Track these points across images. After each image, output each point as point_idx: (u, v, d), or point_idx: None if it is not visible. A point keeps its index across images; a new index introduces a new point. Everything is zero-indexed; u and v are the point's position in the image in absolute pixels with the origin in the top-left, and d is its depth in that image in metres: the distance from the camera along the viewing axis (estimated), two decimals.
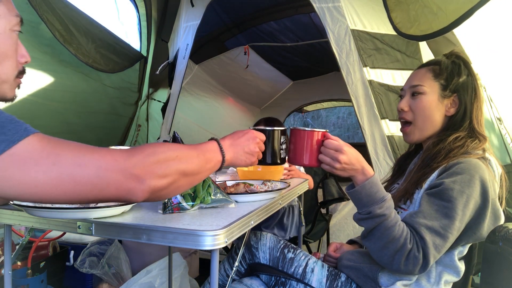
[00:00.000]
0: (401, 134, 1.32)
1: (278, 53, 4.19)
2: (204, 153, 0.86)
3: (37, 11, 2.16)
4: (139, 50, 3.41)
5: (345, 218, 2.77)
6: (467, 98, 1.18)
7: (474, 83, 1.19)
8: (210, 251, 0.84)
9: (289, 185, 1.34)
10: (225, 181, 1.33)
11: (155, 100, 3.90)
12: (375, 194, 1.04)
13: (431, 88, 1.21)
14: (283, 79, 5.02)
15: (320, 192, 2.77)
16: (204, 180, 1.04)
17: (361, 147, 1.51)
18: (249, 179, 1.41)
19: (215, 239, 0.82)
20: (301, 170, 2.09)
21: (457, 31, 2.05)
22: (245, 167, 1.72)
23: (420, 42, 2.31)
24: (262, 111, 5.44)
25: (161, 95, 3.88)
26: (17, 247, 1.17)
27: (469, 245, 1.15)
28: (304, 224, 1.81)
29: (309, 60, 4.35)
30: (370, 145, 2.28)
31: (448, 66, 1.21)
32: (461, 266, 1.13)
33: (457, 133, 1.16)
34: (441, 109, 1.20)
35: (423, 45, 2.35)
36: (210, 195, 1.05)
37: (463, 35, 2.08)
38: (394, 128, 2.27)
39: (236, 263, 1.07)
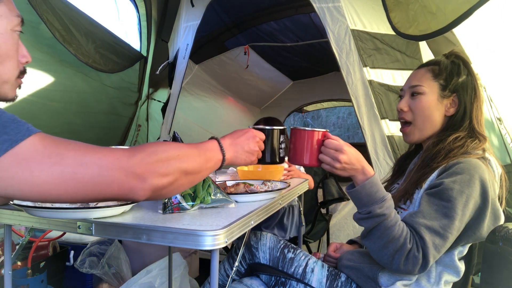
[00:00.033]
0: (401, 134, 1.32)
1: (278, 53, 4.18)
2: (204, 152, 0.86)
3: (37, 11, 2.16)
4: (139, 50, 3.41)
5: (345, 218, 2.77)
6: (467, 98, 1.18)
7: (473, 83, 1.19)
8: (210, 251, 0.84)
9: (289, 185, 1.34)
10: (225, 181, 1.33)
11: (155, 100, 3.89)
12: (375, 193, 1.04)
13: (430, 88, 1.21)
14: (283, 79, 5.02)
15: (320, 192, 2.77)
16: (204, 180, 1.04)
17: (361, 147, 1.50)
18: (249, 179, 1.41)
19: (215, 239, 0.82)
20: (301, 170, 2.09)
21: (457, 31, 2.05)
22: (245, 167, 1.72)
23: (420, 42, 2.31)
24: (262, 111, 5.44)
25: (161, 95, 3.88)
26: (17, 247, 1.17)
27: (469, 245, 1.15)
28: (304, 224, 1.81)
29: (309, 60, 4.35)
30: (370, 145, 2.28)
31: (447, 66, 1.21)
32: (461, 266, 1.13)
33: (457, 133, 1.16)
34: (440, 109, 1.20)
35: (423, 45, 2.34)
36: (210, 195, 1.04)
37: (463, 35, 2.08)
38: (394, 128, 2.27)
39: (236, 263, 1.07)
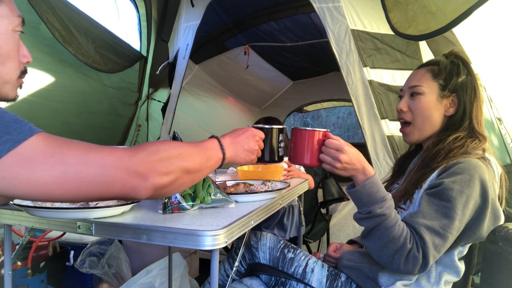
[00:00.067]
0: (401, 134, 1.32)
1: (278, 53, 4.18)
2: (205, 151, 0.86)
3: (36, 11, 2.16)
4: (139, 50, 3.41)
5: (345, 218, 2.77)
6: (466, 98, 1.18)
7: (473, 82, 1.19)
8: (210, 251, 0.84)
9: (289, 185, 1.34)
10: (225, 181, 1.33)
11: (155, 100, 3.89)
12: (376, 193, 1.04)
13: (429, 88, 1.21)
14: (283, 79, 5.02)
15: (320, 192, 2.77)
16: (204, 180, 1.05)
17: (361, 147, 1.50)
18: (249, 179, 1.41)
19: (215, 239, 0.82)
20: (301, 169, 2.09)
21: (457, 31, 2.05)
22: (245, 167, 1.72)
23: (420, 42, 2.31)
24: (262, 111, 5.44)
25: (161, 95, 3.88)
26: (17, 247, 1.17)
27: (469, 245, 1.15)
28: (304, 224, 1.81)
29: (309, 60, 4.35)
30: (370, 145, 2.28)
31: (447, 66, 1.21)
32: (461, 266, 1.13)
33: (457, 133, 1.16)
34: (440, 109, 1.20)
35: (423, 45, 2.34)
36: (210, 195, 1.04)
37: (463, 35, 2.08)
38: (394, 128, 2.27)
39: (236, 263, 1.07)
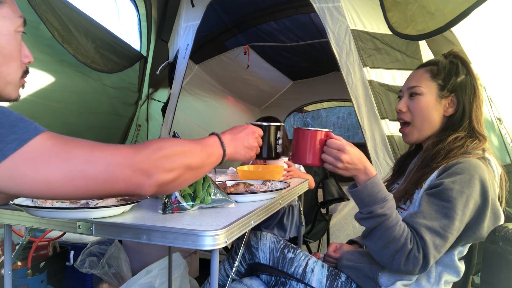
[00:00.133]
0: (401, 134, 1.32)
1: (278, 53, 4.18)
2: (206, 148, 0.87)
3: (36, 11, 2.16)
4: (139, 50, 3.41)
5: (345, 218, 2.77)
6: (466, 97, 1.18)
7: (473, 82, 1.19)
8: (210, 251, 0.84)
9: (289, 185, 1.34)
10: (225, 181, 1.33)
11: (155, 100, 3.90)
12: (377, 194, 1.04)
13: (428, 88, 1.20)
14: (283, 79, 5.02)
15: (320, 192, 2.77)
16: (204, 180, 1.05)
17: (361, 147, 1.50)
18: (249, 179, 1.41)
19: (215, 239, 0.82)
20: (301, 169, 2.09)
21: (456, 31, 2.05)
22: (245, 167, 1.72)
23: (420, 42, 2.31)
24: (262, 111, 5.44)
25: (161, 95, 3.88)
26: (17, 247, 1.17)
27: (469, 245, 1.15)
28: (304, 224, 1.81)
29: (309, 60, 4.35)
30: (370, 145, 2.28)
31: (446, 66, 1.20)
32: (461, 266, 1.13)
33: (457, 133, 1.16)
34: (439, 109, 1.20)
35: (423, 45, 2.34)
36: (210, 195, 1.05)
37: (463, 35, 2.08)
38: (394, 128, 2.27)
39: (236, 263, 1.07)
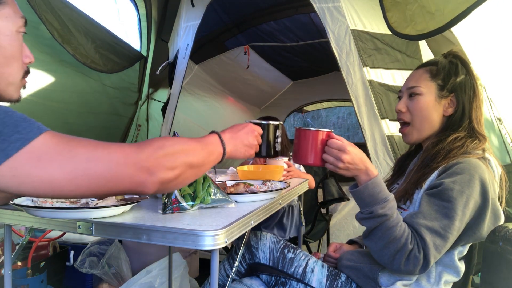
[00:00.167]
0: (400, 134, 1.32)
1: (278, 53, 4.18)
2: (207, 146, 0.88)
3: (35, 11, 2.16)
4: (139, 50, 3.41)
5: (345, 218, 2.77)
6: (465, 97, 1.18)
7: (472, 82, 1.19)
8: (210, 251, 0.84)
9: (289, 185, 1.34)
10: (225, 181, 1.33)
11: (155, 100, 3.90)
12: (378, 194, 1.04)
13: (428, 88, 1.20)
14: (283, 79, 5.02)
15: (320, 192, 2.77)
16: (204, 180, 1.05)
17: (361, 147, 1.50)
18: (249, 179, 1.41)
19: (215, 239, 0.82)
20: (301, 169, 2.09)
21: (457, 31, 2.05)
22: (245, 167, 1.72)
23: (420, 42, 2.31)
24: (262, 111, 5.44)
25: (161, 95, 3.88)
26: (17, 247, 1.17)
27: (469, 245, 1.15)
28: (304, 224, 1.81)
29: (309, 60, 4.35)
30: (370, 145, 2.28)
31: (445, 66, 1.20)
32: (461, 266, 1.13)
33: (457, 133, 1.16)
34: (438, 110, 1.20)
35: (423, 45, 2.34)
36: (210, 195, 1.05)
37: (463, 35, 2.08)
38: (394, 128, 2.27)
39: (236, 263, 1.07)
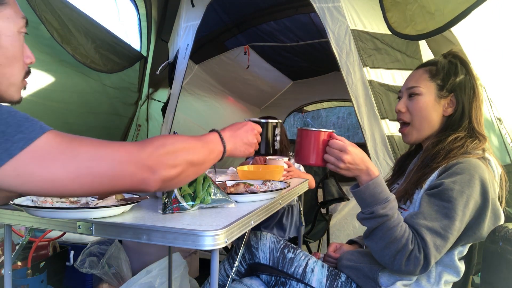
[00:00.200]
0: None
1: (278, 53, 4.18)
2: (207, 144, 0.88)
3: (35, 11, 2.16)
4: (139, 50, 3.41)
5: (345, 218, 2.77)
6: (465, 97, 1.18)
7: (472, 82, 1.19)
8: (210, 251, 0.84)
9: (289, 185, 1.34)
10: (225, 181, 1.33)
11: (155, 100, 3.90)
12: (379, 194, 1.04)
13: (427, 88, 1.20)
14: (283, 79, 5.02)
15: (320, 192, 2.77)
16: (204, 180, 1.05)
17: (361, 147, 1.51)
18: (249, 179, 1.41)
19: (215, 239, 0.82)
20: (301, 169, 2.09)
21: (456, 31, 2.05)
22: (245, 167, 1.72)
23: (420, 42, 2.31)
24: (262, 111, 5.44)
25: (161, 95, 3.88)
26: (17, 247, 1.17)
27: (469, 245, 1.15)
28: (304, 224, 1.81)
29: (309, 60, 4.35)
30: (370, 145, 2.28)
31: (444, 66, 1.20)
32: (461, 266, 1.13)
33: (457, 133, 1.16)
34: (438, 110, 1.20)
35: (423, 45, 2.34)
36: (210, 195, 1.05)
37: (463, 34, 2.08)
38: (394, 128, 2.27)
39: (236, 263, 1.07)
